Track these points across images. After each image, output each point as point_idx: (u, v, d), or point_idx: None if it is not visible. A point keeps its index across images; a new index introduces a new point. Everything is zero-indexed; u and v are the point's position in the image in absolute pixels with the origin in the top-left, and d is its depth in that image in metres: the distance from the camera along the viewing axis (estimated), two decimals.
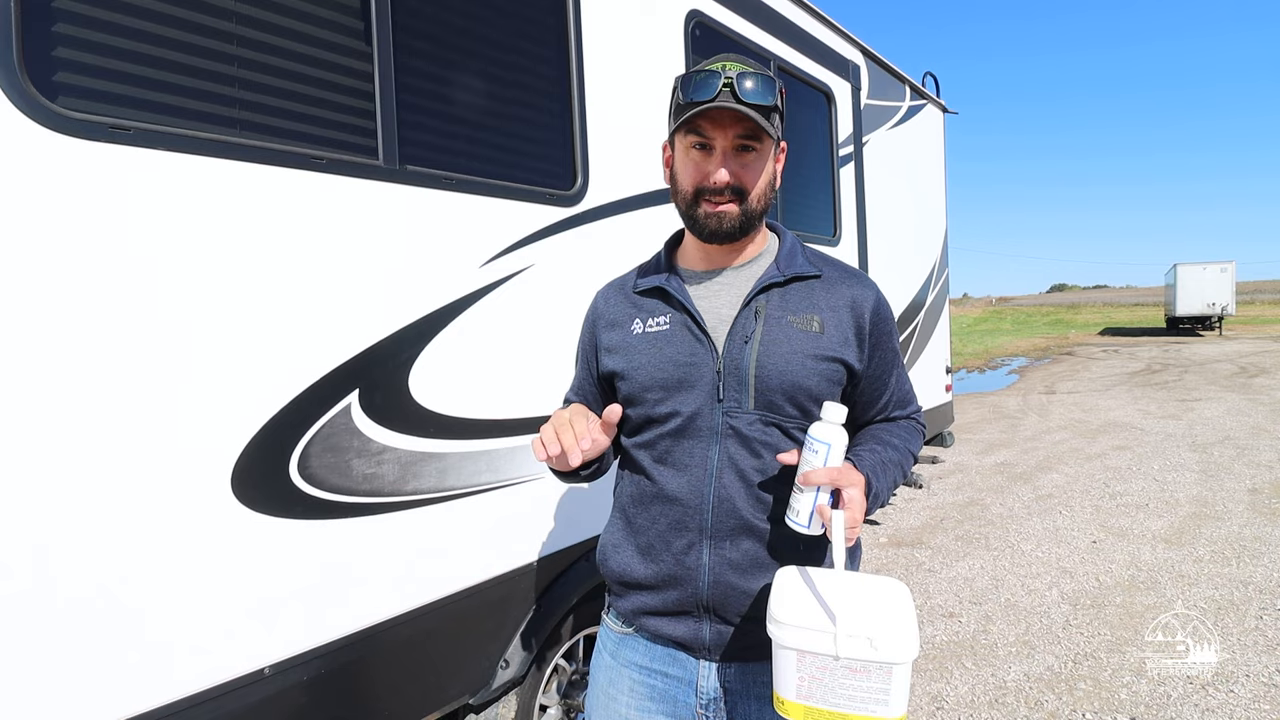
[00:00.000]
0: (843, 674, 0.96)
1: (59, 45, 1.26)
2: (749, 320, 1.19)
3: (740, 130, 1.14)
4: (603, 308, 1.33)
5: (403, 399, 1.74)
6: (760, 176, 1.18)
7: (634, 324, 1.25)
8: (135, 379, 1.31)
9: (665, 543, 1.20)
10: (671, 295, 1.23)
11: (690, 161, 1.18)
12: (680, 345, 1.20)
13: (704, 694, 1.20)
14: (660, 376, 1.19)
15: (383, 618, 1.71)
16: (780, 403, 1.16)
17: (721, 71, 1.11)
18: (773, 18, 3.30)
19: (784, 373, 1.16)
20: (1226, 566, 4.33)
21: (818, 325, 1.18)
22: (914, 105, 5.01)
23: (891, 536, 5.21)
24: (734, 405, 1.16)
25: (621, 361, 1.24)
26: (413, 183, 1.77)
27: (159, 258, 1.34)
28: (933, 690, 3.14)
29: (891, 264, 4.55)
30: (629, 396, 1.24)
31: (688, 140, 1.17)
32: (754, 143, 1.15)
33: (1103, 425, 9.22)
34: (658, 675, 1.24)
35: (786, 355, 1.16)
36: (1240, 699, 2.96)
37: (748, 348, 1.17)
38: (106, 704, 1.28)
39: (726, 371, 1.17)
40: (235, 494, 1.44)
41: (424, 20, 1.84)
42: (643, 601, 1.24)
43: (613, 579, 1.29)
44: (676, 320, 1.21)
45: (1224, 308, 26.50)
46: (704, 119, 1.13)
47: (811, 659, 0.98)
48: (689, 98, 1.12)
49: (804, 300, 1.21)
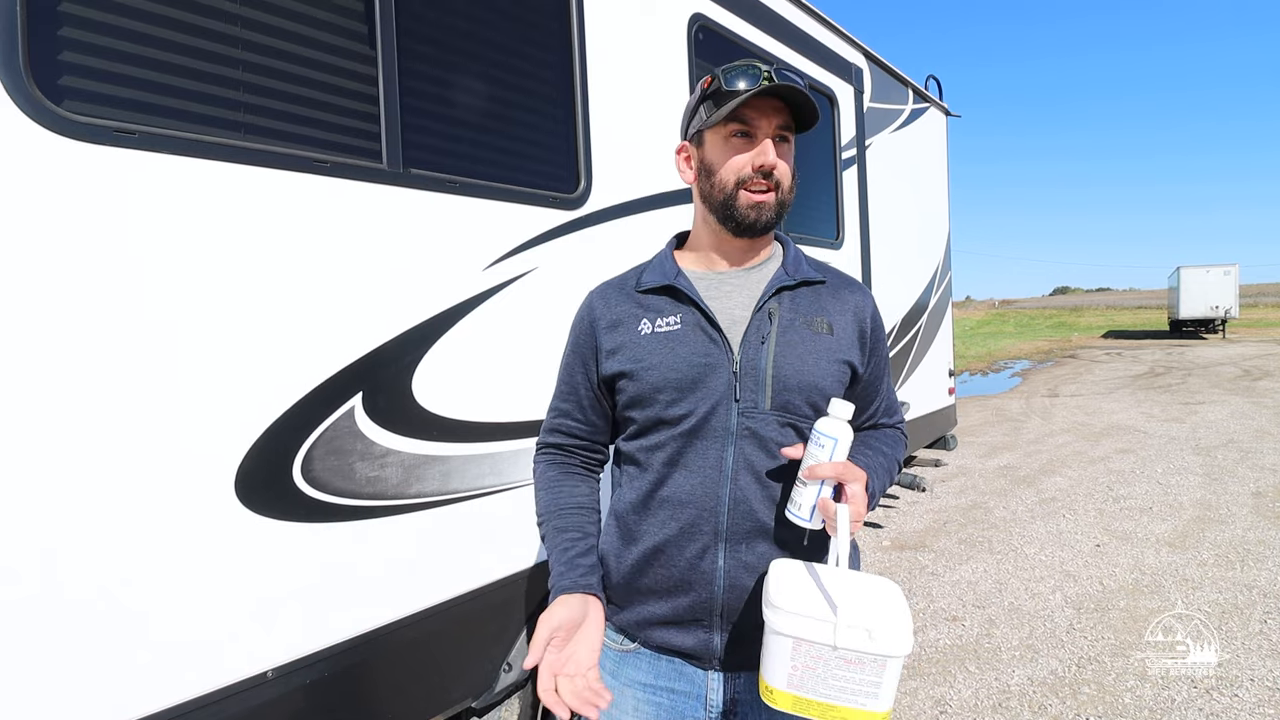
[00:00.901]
0: (837, 665, 0.97)
1: (64, 49, 1.26)
2: (764, 322, 1.19)
3: (781, 120, 1.18)
4: (601, 309, 1.28)
5: (406, 402, 1.74)
6: (791, 168, 1.22)
7: (640, 324, 1.22)
8: (139, 382, 1.31)
9: (677, 548, 1.17)
10: (682, 294, 1.21)
11: (730, 149, 1.19)
12: (694, 345, 1.18)
13: (713, 707, 1.18)
14: (674, 377, 1.17)
15: (385, 621, 1.70)
16: (797, 403, 1.17)
17: (759, 67, 1.15)
18: (776, 21, 3.30)
19: (800, 373, 1.17)
20: (1230, 570, 4.32)
21: (827, 328, 1.21)
22: (917, 108, 5.01)
23: (894, 540, 5.19)
24: (750, 405, 1.16)
25: (629, 362, 1.21)
26: (416, 186, 1.77)
27: (164, 261, 1.35)
28: (936, 694, 3.13)
29: (894, 267, 4.55)
30: (637, 398, 1.20)
31: (728, 129, 1.18)
32: (789, 134, 1.20)
33: (1106, 428, 9.21)
34: (664, 692, 1.21)
35: (803, 355, 1.18)
36: (1244, 703, 2.95)
37: (764, 348, 1.17)
38: (110, 707, 1.28)
39: (743, 372, 1.16)
40: (239, 497, 1.44)
41: (428, 24, 1.84)
42: (650, 611, 1.20)
43: (615, 589, 1.25)
44: (689, 320, 1.20)
45: (1227, 311, 26.45)
46: (747, 107, 1.15)
47: (807, 648, 0.98)
48: (732, 85, 1.14)
49: (813, 304, 1.23)
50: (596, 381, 1.28)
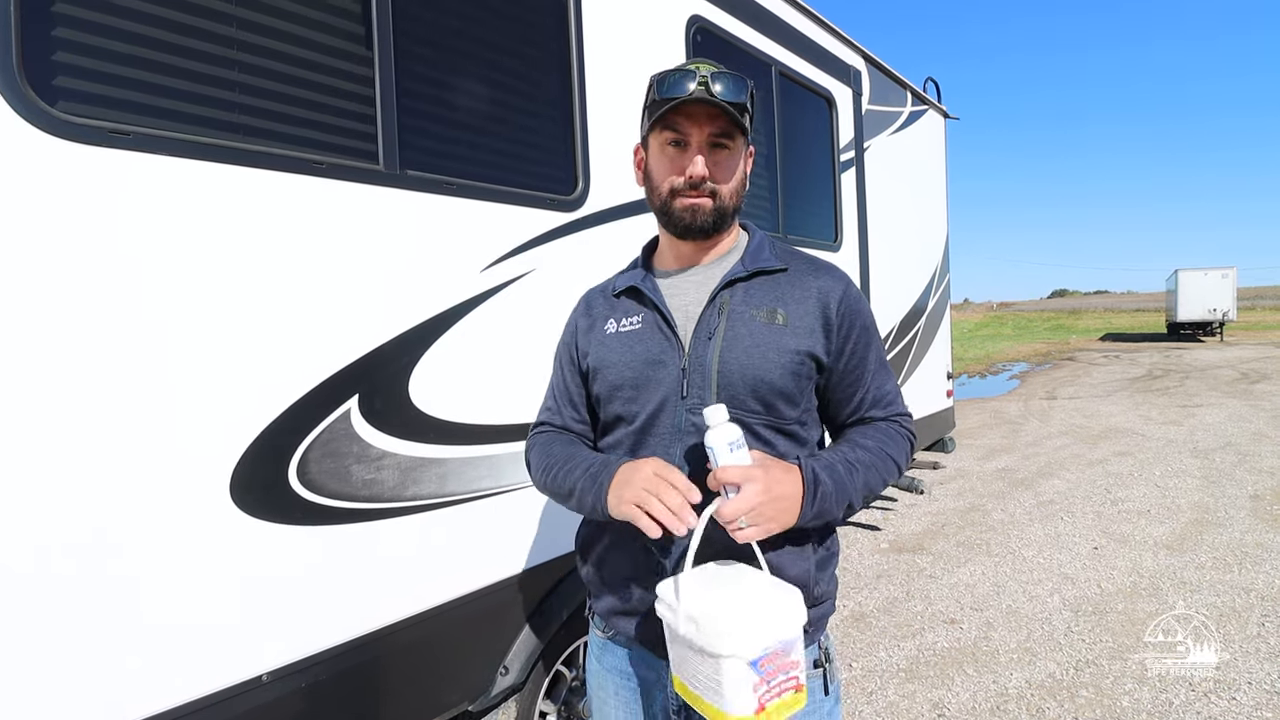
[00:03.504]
0: (691, 654, 0.98)
1: (58, 50, 1.26)
2: (713, 316, 1.19)
3: (715, 128, 1.16)
4: (583, 309, 1.35)
5: (403, 404, 1.73)
6: (733, 174, 1.20)
7: (608, 324, 1.27)
8: (133, 384, 1.31)
9: (628, 541, 1.19)
10: (644, 294, 1.24)
11: (665, 158, 1.20)
12: (649, 343, 1.20)
13: (674, 698, 1.19)
14: (629, 375, 1.20)
15: (382, 624, 1.70)
16: (743, 398, 1.15)
17: (696, 71, 1.13)
18: (774, 23, 3.30)
19: (746, 367, 1.14)
20: (1228, 573, 4.32)
21: (781, 318, 1.17)
22: (915, 110, 5.01)
23: (892, 542, 5.19)
24: (697, 402, 1.15)
25: (595, 360, 1.26)
26: (413, 187, 1.77)
27: (159, 263, 1.34)
28: (934, 697, 3.13)
29: (893, 269, 4.55)
30: (600, 395, 1.25)
31: (663, 137, 1.19)
32: (727, 140, 1.18)
33: (1104, 431, 9.21)
34: (636, 679, 1.26)
35: (748, 349, 1.15)
36: (1242, 706, 2.95)
37: (711, 343, 1.16)
38: (104, 710, 1.27)
39: (691, 368, 1.16)
40: (234, 500, 1.44)
41: (425, 25, 1.83)
42: (611, 601, 1.25)
43: (585, 578, 1.31)
44: (648, 319, 1.23)
45: (1225, 313, 26.49)
46: (680, 115, 1.16)
47: (671, 633, 1.02)
48: (664, 94, 1.14)
49: (768, 294, 1.20)
50: (580, 380, 1.33)
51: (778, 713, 0.96)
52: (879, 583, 4.43)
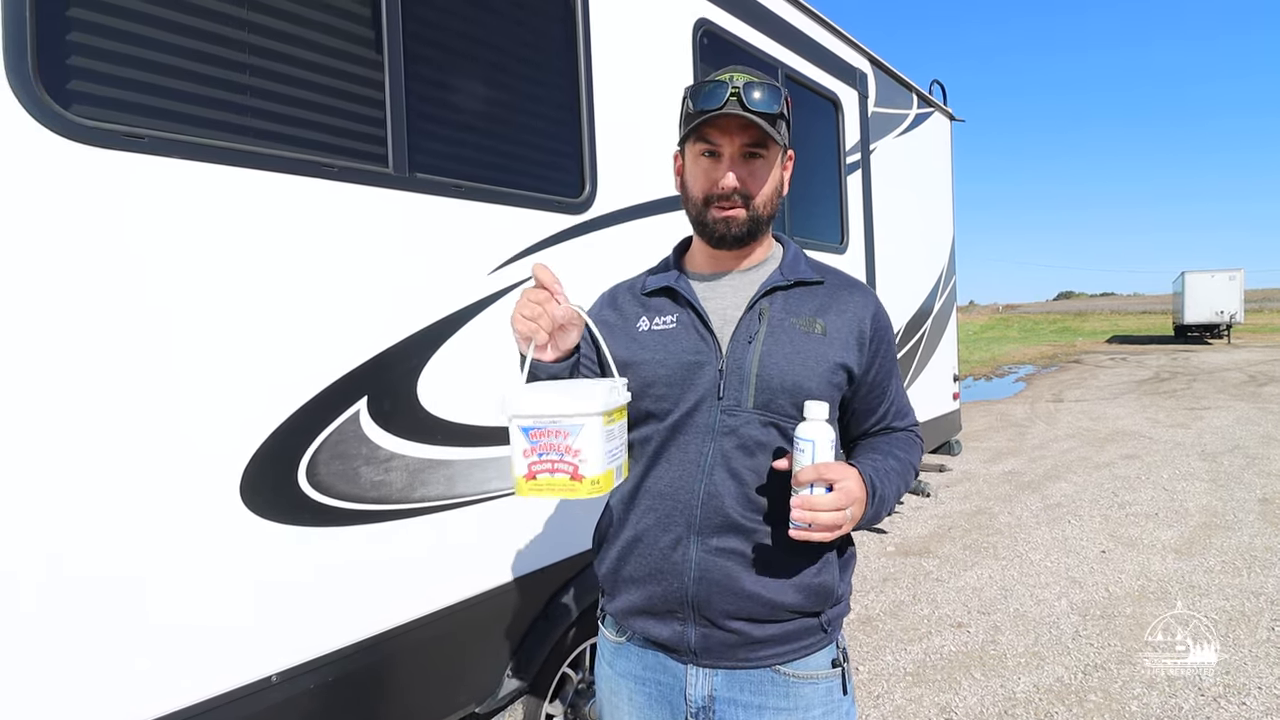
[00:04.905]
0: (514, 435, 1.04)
1: (73, 54, 1.27)
2: (753, 321, 1.21)
3: (747, 138, 1.17)
4: (607, 303, 1.36)
5: (411, 406, 1.74)
6: (766, 183, 1.21)
7: (640, 321, 1.27)
8: (145, 386, 1.31)
9: (653, 538, 1.20)
10: (679, 294, 1.25)
11: (699, 169, 1.21)
12: (686, 342, 1.21)
13: (693, 702, 1.20)
14: (664, 373, 1.21)
15: (390, 625, 1.70)
16: (781, 403, 1.17)
17: (729, 82, 1.14)
18: (780, 26, 3.30)
19: (785, 372, 1.17)
20: (1237, 577, 4.29)
21: (820, 328, 1.21)
22: (921, 113, 5.00)
23: (899, 545, 5.18)
24: (733, 404, 1.17)
25: (626, 356, 1.25)
26: (422, 190, 1.78)
27: (172, 265, 1.35)
28: (941, 701, 3.12)
29: (899, 271, 4.54)
30: (630, 391, 1.24)
31: (697, 148, 1.20)
32: (761, 150, 1.19)
33: (1111, 434, 9.17)
34: (651, 684, 1.25)
35: (789, 355, 1.18)
36: (1252, 711, 2.93)
37: (751, 347, 1.18)
38: (113, 711, 1.28)
39: (729, 370, 1.18)
40: (244, 501, 1.44)
41: (433, 30, 1.84)
42: (630, 600, 1.24)
43: (603, 575, 1.31)
44: (683, 318, 1.24)
45: (1233, 316, 26.35)
46: (712, 127, 1.17)
47: None
48: (698, 107, 1.16)
49: (807, 304, 1.23)
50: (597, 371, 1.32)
51: (549, 487, 1.02)
52: (885, 586, 4.42)
